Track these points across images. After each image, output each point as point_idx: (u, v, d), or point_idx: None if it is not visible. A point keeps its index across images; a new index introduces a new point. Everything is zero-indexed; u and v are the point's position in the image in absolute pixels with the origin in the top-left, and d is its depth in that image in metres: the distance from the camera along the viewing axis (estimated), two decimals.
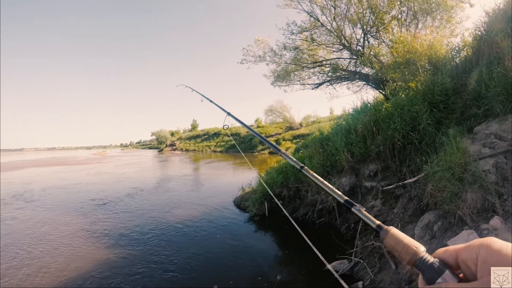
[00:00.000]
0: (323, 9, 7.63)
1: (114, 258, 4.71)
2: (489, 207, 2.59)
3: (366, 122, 5.24)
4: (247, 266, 4.29)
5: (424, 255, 0.49)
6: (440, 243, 2.65)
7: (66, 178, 15.94)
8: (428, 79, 4.78)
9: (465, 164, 2.97)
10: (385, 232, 0.56)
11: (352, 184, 5.13)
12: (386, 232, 0.56)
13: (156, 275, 4.06)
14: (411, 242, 0.52)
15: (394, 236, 0.54)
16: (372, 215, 3.76)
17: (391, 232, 0.56)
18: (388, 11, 7.21)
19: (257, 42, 8.97)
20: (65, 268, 4.40)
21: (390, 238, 0.55)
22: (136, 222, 6.64)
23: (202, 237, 5.51)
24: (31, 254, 5.01)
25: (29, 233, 6.17)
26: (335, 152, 5.53)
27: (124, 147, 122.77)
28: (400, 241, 0.53)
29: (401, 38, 6.00)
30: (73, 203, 9.01)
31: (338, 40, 7.99)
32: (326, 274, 3.74)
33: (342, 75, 8.76)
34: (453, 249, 0.43)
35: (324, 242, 4.70)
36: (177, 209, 7.75)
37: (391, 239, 0.55)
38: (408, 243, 0.52)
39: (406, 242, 0.52)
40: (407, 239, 0.53)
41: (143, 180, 13.66)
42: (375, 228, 0.60)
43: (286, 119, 33.88)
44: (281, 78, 9.29)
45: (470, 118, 3.97)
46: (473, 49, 4.69)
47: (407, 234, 2.20)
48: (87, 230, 6.22)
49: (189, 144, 48.59)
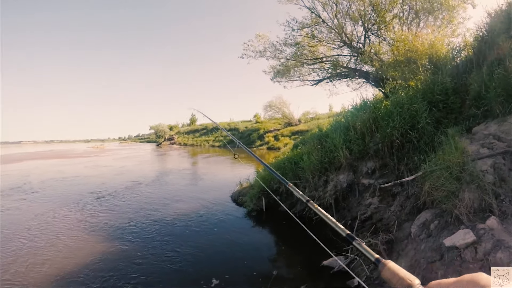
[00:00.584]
0: (325, 6, 7.59)
1: (110, 250, 4.72)
2: (486, 207, 2.60)
3: (365, 119, 5.24)
4: (243, 261, 4.31)
5: (418, 287, 0.53)
6: (436, 242, 2.67)
7: (65, 171, 15.92)
8: (428, 78, 4.77)
9: (463, 164, 2.98)
10: (383, 265, 0.62)
11: (349, 181, 5.15)
12: (383, 265, 0.61)
13: (152, 269, 4.08)
14: (406, 275, 0.56)
15: (390, 270, 0.59)
16: (369, 212, 3.76)
17: (388, 265, 0.60)
18: (390, 9, 7.19)
19: (258, 37, 8.93)
20: (64, 261, 4.41)
21: (387, 271, 0.60)
22: (134, 215, 6.65)
23: (199, 232, 5.52)
24: (31, 245, 5.02)
25: (29, 225, 6.18)
26: (334, 149, 5.53)
27: (122, 141, 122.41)
28: (396, 274, 0.57)
29: (402, 36, 5.99)
30: (72, 196, 9.03)
31: (339, 37, 7.96)
32: (322, 270, 3.77)
33: (342, 72, 8.75)
34: (445, 283, 0.47)
35: (321, 238, 4.70)
36: (174, 203, 7.76)
37: (387, 272, 0.59)
38: (403, 275, 0.56)
39: (402, 275, 0.56)
40: (403, 273, 0.57)
41: (141, 174, 13.65)
42: (374, 261, 0.66)
43: (285, 115, 33.82)
44: (281, 74, 9.27)
45: (469, 118, 3.97)
46: (474, 49, 4.69)
47: (404, 232, 2.23)
48: (86, 222, 6.23)
49: (187, 138, 48.51)
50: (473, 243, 2.30)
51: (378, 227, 4.10)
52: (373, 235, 3.79)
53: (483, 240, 2.27)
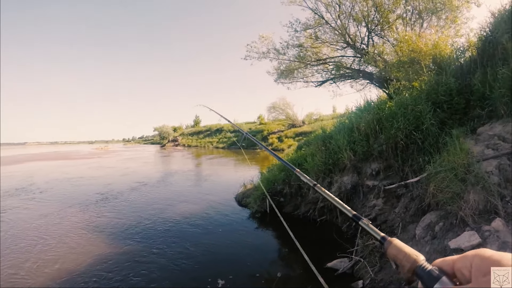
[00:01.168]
0: (328, 7, 7.60)
1: (116, 250, 4.76)
2: (491, 209, 2.59)
3: (369, 120, 5.23)
4: (246, 263, 4.32)
5: (423, 263, 0.53)
6: (441, 244, 2.66)
7: (70, 172, 16.04)
8: (432, 79, 4.75)
9: (468, 165, 2.96)
10: (389, 242, 0.62)
11: (354, 182, 5.14)
12: (389, 242, 0.62)
13: (156, 269, 4.10)
14: (412, 251, 0.57)
15: (396, 246, 0.60)
16: (374, 214, 3.75)
17: (394, 242, 0.61)
18: (393, 9, 7.17)
19: (261, 38, 8.94)
20: (73, 259, 4.46)
21: (392, 248, 0.61)
22: (138, 216, 6.69)
23: (203, 233, 5.54)
24: (35, 246, 5.07)
25: (38, 224, 6.28)
26: (338, 150, 5.53)
27: (126, 142, 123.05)
28: (401, 250, 0.58)
29: (405, 37, 5.97)
30: (78, 196, 9.11)
31: (342, 38, 7.95)
32: (327, 271, 3.77)
33: (346, 73, 8.74)
34: (450, 259, 0.48)
35: (325, 240, 4.72)
36: (178, 204, 7.79)
37: (393, 248, 0.60)
38: (409, 252, 0.57)
39: (407, 251, 0.57)
40: (408, 249, 0.58)
41: (145, 175, 13.71)
42: (380, 240, 0.67)
43: (289, 116, 33.78)
44: (284, 75, 9.28)
45: (474, 119, 3.95)
46: (478, 49, 4.66)
47: (409, 234, 2.24)
48: (92, 222, 6.30)
49: (191, 140, 48.66)
50: (478, 245, 2.29)
51: (383, 229, 4.09)
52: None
53: (489, 242, 2.26)
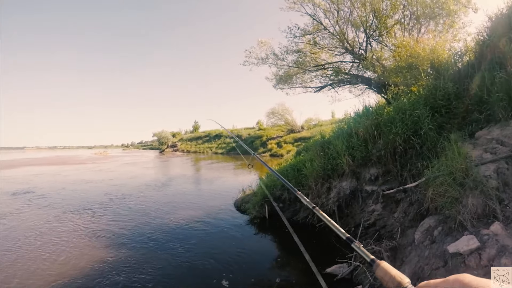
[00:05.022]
0: (326, 12, 7.64)
1: (118, 253, 4.76)
2: (489, 213, 2.58)
3: (367, 126, 5.23)
4: (246, 268, 4.27)
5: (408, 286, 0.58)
6: (440, 248, 2.64)
7: (71, 176, 16.04)
8: (430, 84, 4.77)
9: (466, 169, 2.96)
10: (377, 265, 0.69)
11: (352, 188, 5.12)
12: (377, 265, 0.69)
13: (155, 275, 4.06)
14: (397, 274, 0.62)
15: (383, 269, 0.66)
16: (373, 219, 3.74)
17: (382, 265, 0.67)
18: (391, 15, 7.22)
19: (260, 44, 8.98)
20: (75, 261, 4.43)
21: (380, 270, 0.67)
22: (138, 222, 6.66)
23: (202, 238, 5.51)
24: (35, 250, 5.05)
25: (34, 230, 6.23)
26: (336, 155, 5.52)
27: (125, 147, 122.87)
28: (388, 272, 0.64)
29: (403, 42, 6.01)
30: (79, 201, 9.11)
31: (340, 44, 7.99)
32: (326, 277, 3.73)
33: (344, 78, 8.77)
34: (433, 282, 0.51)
35: (324, 245, 4.69)
36: (177, 210, 7.75)
37: (381, 271, 0.66)
38: (394, 274, 0.62)
39: (393, 273, 0.63)
40: (394, 271, 0.64)
41: (144, 181, 13.67)
42: (369, 262, 0.74)
43: (288, 121, 33.85)
44: (283, 81, 9.30)
45: (472, 123, 3.96)
46: (476, 54, 4.69)
47: (408, 238, 2.23)
48: (90, 227, 6.29)
49: (190, 145, 48.62)
50: (477, 249, 2.27)
51: (382, 234, 4.06)
52: (376, 242, 3.76)
53: (487, 246, 2.24)
